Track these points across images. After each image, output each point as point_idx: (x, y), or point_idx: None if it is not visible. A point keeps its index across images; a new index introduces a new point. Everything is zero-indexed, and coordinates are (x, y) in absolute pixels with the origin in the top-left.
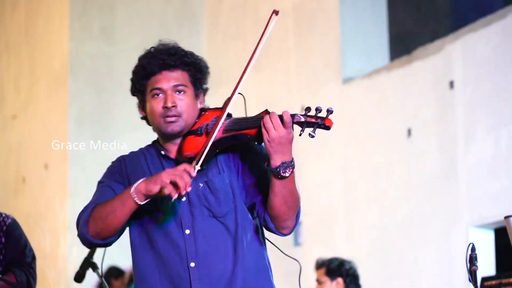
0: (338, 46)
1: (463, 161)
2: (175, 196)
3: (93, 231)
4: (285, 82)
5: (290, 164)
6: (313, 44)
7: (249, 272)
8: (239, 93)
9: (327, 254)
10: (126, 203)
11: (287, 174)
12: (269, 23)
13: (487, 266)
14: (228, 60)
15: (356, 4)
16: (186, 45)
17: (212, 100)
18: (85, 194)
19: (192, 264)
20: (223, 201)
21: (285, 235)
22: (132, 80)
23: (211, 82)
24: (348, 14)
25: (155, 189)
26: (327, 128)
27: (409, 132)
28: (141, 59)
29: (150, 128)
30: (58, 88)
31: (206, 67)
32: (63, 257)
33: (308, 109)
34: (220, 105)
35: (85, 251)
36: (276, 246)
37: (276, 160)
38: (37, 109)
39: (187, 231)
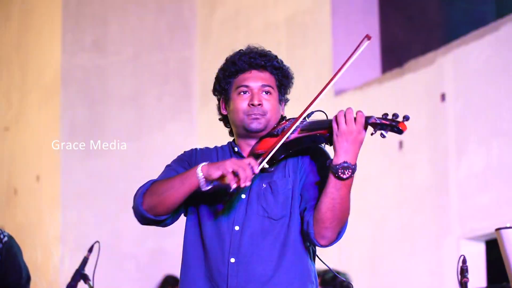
0: (330, 58)
1: (454, 173)
2: (234, 186)
3: (147, 204)
4: None
5: (351, 167)
6: (305, 56)
7: (289, 283)
8: (321, 111)
9: (318, 266)
10: (185, 181)
11: (345, 176)
12: (359, 47)
13: (478, 279)
14: None
15: (348, 17)
16: (178, 58)
17: (204, 111)
18: (77, 206)
19: (232, 260)
20: (281, 204)
21: (322, 246)
22: (217, 77)
23: (204, 95)
24: (340, 27)
25: (216, 174)
26: (400, 131)
27: (400, 144)
28: (231, 57)
29: (141, 140)
30: (50, 100)
31: (292, 77)
32: (54, 269)
33: (385, 114)
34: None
35: (77, 263)
36: (326, 265)
37: (339, 157)
38: (29, 121)
39: (236, 228)
